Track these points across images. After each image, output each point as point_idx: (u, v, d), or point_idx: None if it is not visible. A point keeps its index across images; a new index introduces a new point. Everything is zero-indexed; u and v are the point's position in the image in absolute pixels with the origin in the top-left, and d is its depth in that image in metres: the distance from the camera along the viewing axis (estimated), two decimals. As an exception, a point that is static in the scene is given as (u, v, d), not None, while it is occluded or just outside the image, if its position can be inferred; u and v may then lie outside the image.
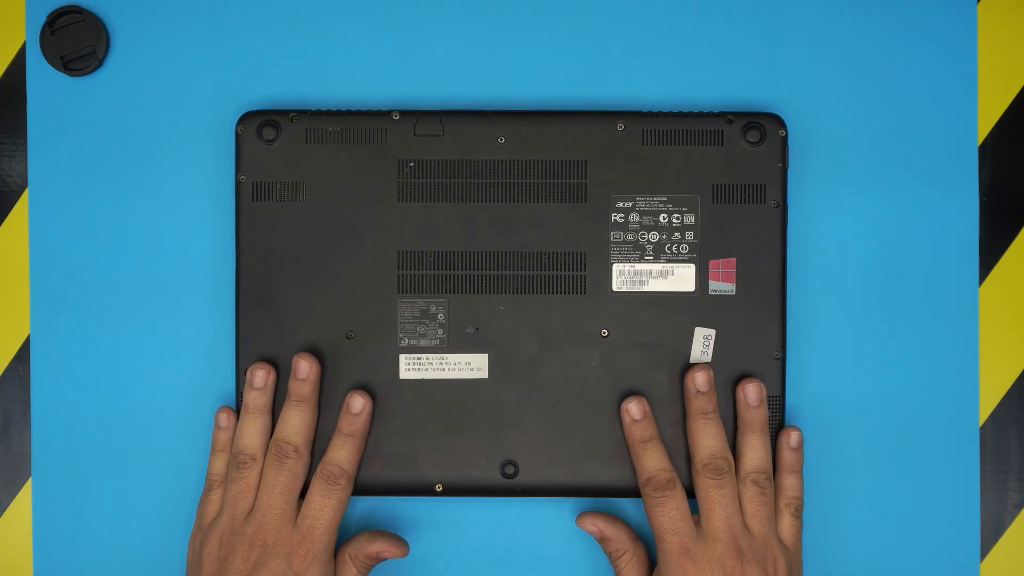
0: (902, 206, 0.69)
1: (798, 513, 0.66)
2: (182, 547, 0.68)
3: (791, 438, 0.66)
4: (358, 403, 0.65)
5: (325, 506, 0.64)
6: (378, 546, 0.65)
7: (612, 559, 0.66)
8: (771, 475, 0.65)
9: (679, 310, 0.67)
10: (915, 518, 0.69)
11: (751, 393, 0.65)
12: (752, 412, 0.65)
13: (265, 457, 0.65)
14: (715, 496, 0.63)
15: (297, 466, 0.64)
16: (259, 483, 0.64)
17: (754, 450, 0.65)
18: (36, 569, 0.69)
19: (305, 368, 0.65)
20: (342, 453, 0.65)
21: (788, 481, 0.66)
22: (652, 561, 0.67)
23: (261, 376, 0.65)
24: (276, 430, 0.65)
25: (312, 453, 0.65)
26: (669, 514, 0.63)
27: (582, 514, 0.67)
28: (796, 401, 0.69)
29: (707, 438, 0.65)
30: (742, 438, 0.65)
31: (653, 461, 0.65)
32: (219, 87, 0.69)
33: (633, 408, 0.65)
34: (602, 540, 0.67)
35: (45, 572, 0.69)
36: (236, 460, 0.65)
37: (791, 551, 0.65)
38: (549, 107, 0.68)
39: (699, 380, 0.65)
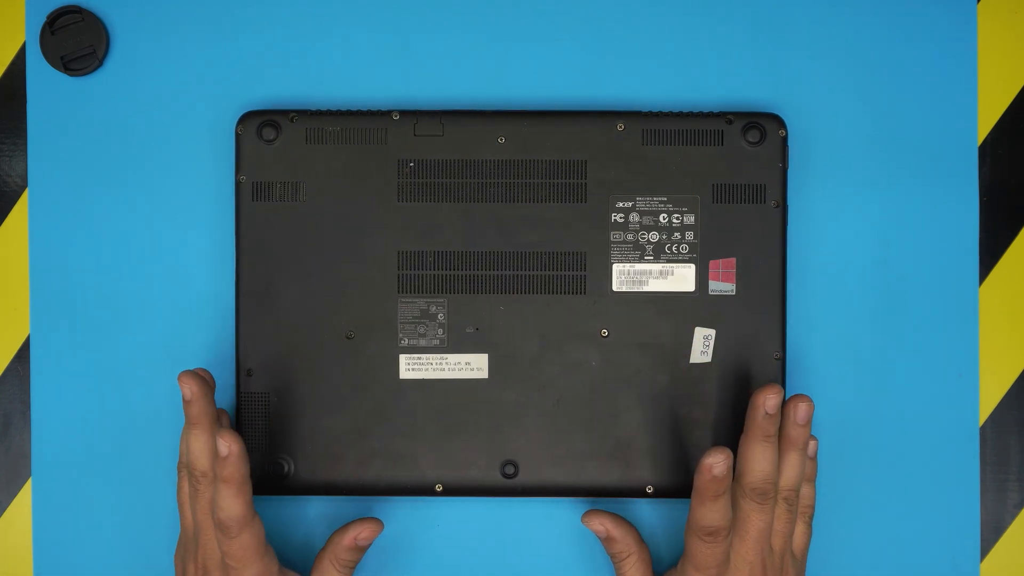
0: (902, 206, 0.69)
1: (810, 521, 0.65)
2: (182, 547, 0.68)
3: (809, 447, 0.65)
4: (223, 447, 0.60)
5: (232, 547, 0.62)
6: (351, 534, 0.65)
7: (616, 560, 0.66)
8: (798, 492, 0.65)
9: (679, 310, 0.67)
10: (915, 518, 0.69)
11: (801, 412, 0.63)
12: (798, 430, 0.64)
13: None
14: (755, 519, 0.63)
15: (210, 489, 0.62)
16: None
17: (791, 468, 0.64)
18: (36, 569, 0.69)
19: (187, 391, 0.62)
20: (225, 502, 0.61)
21: (804, 490, 0.65)
22: (655, 565, 0.67)
23: (185, 392, 0.62)
24: (185, 456, 0.64)
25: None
26: (715, 555, 0.62)
27: (589, 512, 0.66)
28: (796, 401, 0.69)
29: (764, 461, 0.63)
30: (781, 455, 0.64)
31: (718, 516, 0.62)
32: (219, 87, 0.69)
33: (719, 466, 0.61)
34: (607, 540, 0.66)
35: (45, 572, 0.69)
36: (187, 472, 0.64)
37: (799, 560, 0.65)
38: (549, 107, 0.68)
39: (770, 403, 0.63)
